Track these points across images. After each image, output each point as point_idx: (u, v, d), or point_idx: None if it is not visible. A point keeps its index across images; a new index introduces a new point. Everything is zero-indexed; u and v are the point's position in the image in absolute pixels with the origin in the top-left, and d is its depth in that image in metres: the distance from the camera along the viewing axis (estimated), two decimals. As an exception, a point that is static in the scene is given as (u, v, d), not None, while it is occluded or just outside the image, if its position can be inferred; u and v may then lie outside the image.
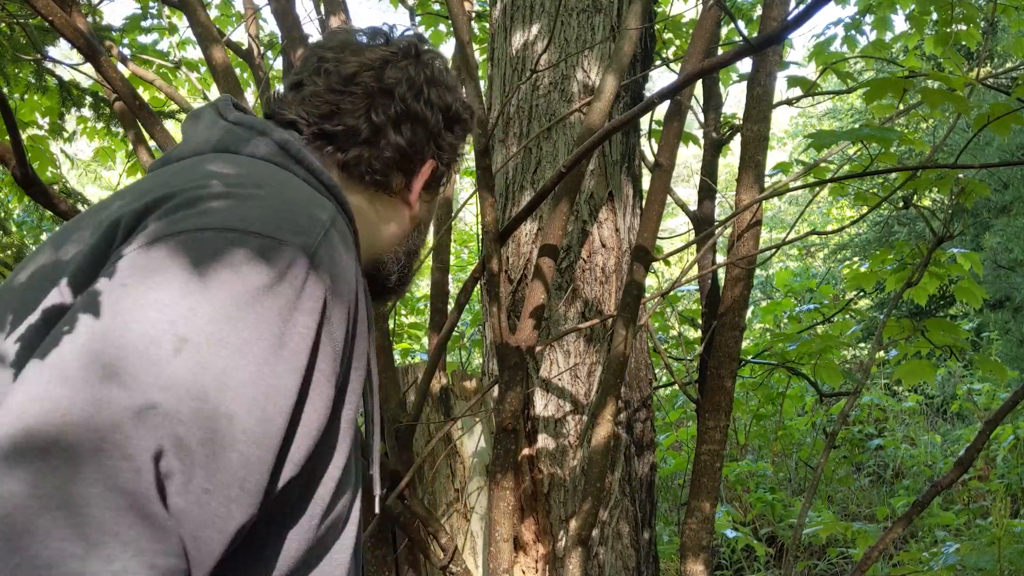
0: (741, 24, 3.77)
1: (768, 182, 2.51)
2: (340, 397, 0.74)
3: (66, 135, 4.01)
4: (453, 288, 3.37)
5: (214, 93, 3.34)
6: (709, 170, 2.74)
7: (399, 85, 0.92)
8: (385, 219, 0.96)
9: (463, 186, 9.12)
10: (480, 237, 1.98)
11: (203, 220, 0.68)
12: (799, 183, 2.54)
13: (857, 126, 2.76)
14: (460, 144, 1.00)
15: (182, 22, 3.76)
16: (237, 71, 2.95)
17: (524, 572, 2.05)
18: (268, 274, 0.66)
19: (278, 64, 3.32)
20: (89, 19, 2.80)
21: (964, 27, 3.33)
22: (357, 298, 0.76)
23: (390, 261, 0.98)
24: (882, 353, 4.88)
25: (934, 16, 3.46)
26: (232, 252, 0.66)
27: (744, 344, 2.57)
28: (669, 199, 2.37)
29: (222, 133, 0.84)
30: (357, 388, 0.78)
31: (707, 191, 2.67)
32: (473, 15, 3.43)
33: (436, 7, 3.90)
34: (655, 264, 2.71)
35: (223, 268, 0.65)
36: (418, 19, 3.73)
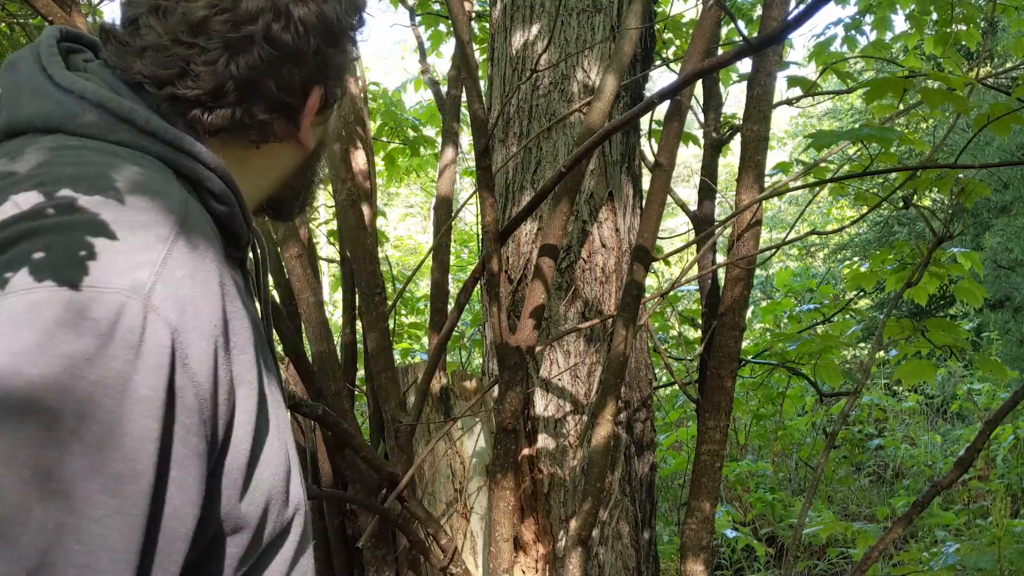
0: (741, 24, 3.77)
1: (768, 182, 2.51)
2: (226, 437, 0.65)
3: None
4: (453, 288, 3.37)
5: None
6: (709, 170, 2.74)
7: (260, 18, 0.73)
8: (273, 163, 0.83)
9: (463, 186, 9.12)
10: (480, 237, 1.98)
11: (7, 280, 0.57)
12: (799, 183, 2.54)
13: (857, 126, 2.76)
14: (347, 59, 0.82)
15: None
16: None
17: (524, 572, 2.05)
18: (85, 341, 0.55)
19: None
20: (89, 19, 2.80)
21: (964, 27, 3.34)
22: (225, 307, 0.65)
23: (287, 198, 0.88)
24: (882, 353, 4.88)
25: (934, 16, 3.46)
26: (37, 320, 0.55)
27: (744, 344, 2.57)
28: (669, 199, 2.37)
29: (51, 107, 0.69)
30: (251, 408, 0.68)
31: (707, 191, 2.67)
32: (473, 15, 3.43)
33: (436, 7, 3.90)
34: (655, 264, 2.71)
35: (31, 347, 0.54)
36: (418, 19, 3.73)
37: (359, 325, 2.48)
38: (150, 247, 0.61)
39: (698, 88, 2.74)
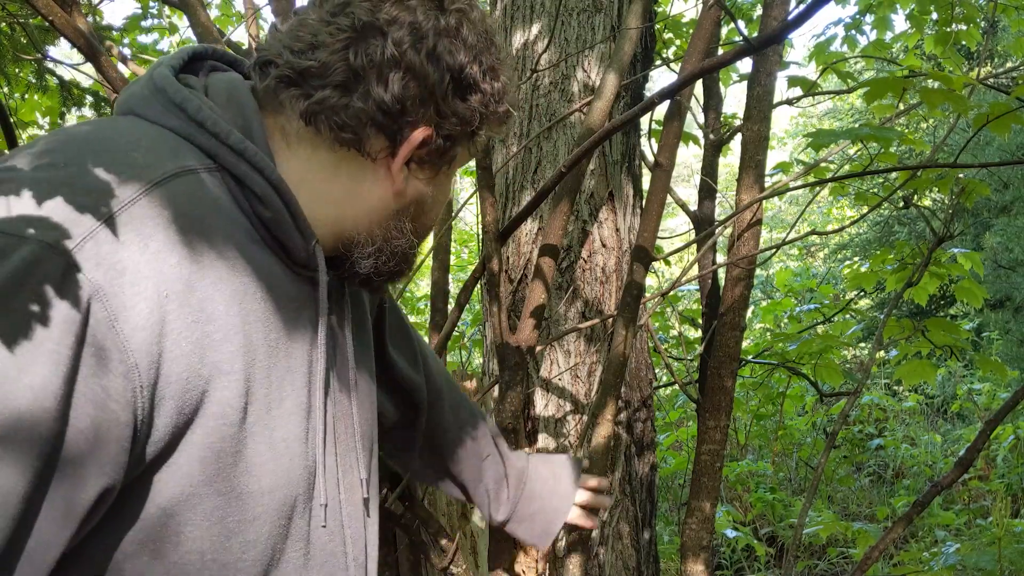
0: (741, 24, 3.77)
1: (768, 182, 2.51)
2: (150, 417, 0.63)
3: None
4: (453, 288, 3.37)
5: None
6: (709, 170, 2.74)
7: (397, 26, 0.74)
8: (357, 188, 0.78)
9: (463, 186, 9.12)
10: (480, 237, 1.98)
11: None
12: (799, 183, 2.54)
13: (857, 126, 2.76)
14: (473, 116, 0.79)
15: (182, 22, 3.77)
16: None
17: (524, 572, 2.05)
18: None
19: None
20: (90, 19, 2.80)
21: (964, 27, 3.34)
22: (195, 287, 0.64)
23: (361, 242, 0.81)
24: (882, 353, 4.88)
25: (934, 16, 3.46)
26: None
27: (744, 344, 2.57)
28: (669, 199, 2.37)
29: (129, 96, 0.74)
30: (231, 401, 0.67)
31: (707, 191, 2.67)
32: (473, 15, 3.42)
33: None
34: (655, 264, 2.71)
35: None
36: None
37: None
38: (95, 208, 0.61)
39: (698, 88, 2.74)
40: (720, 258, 2.68)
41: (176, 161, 0.69)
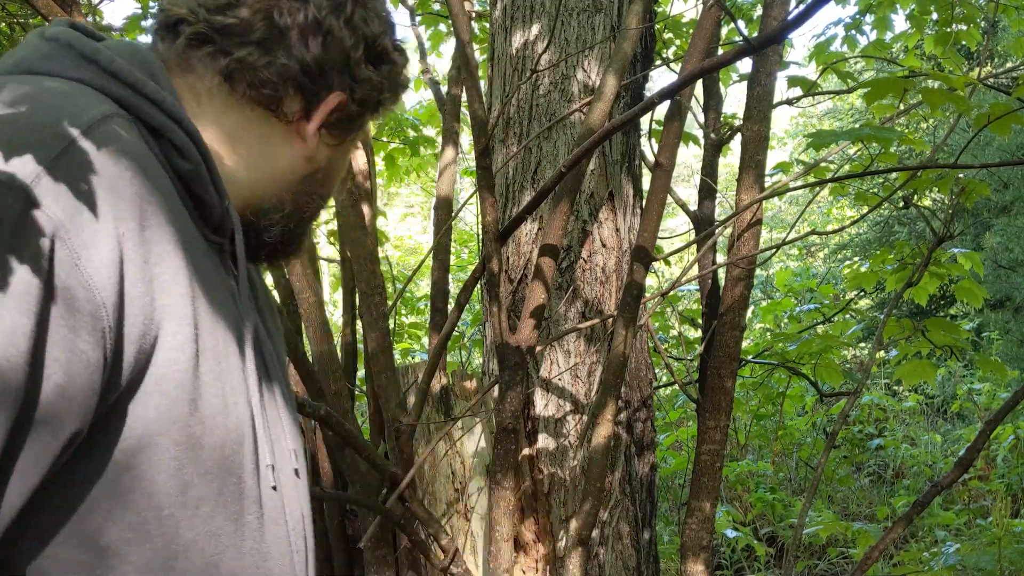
0: (741, 24, 3.77)
1: (768, 182, 2.51)
2: (118, 355, 0.62)
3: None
4: (453, 288, 3.37)
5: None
6: (709, 170, 2.74)
7: None
8: (268, 151, 0.78)
9: (463, 186, 9.12)
10: (480, 237, 1.98)
11: None
12: (799, 183, 2.54)
13: (857, 126, 2.76)
14: (383, 87, 0.82)
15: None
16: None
17: (524, 572, 2.05)
18: None
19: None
20: (89, 19, 2.80)
21: (964, 27, 3.34)
22: (144, 228, 0.63)
23: (271, 207, 0.81)
24: (882, 353, 4.88)
25: (934, 16, 3.46)
26: None
27: (744, 344, 2.57)
28: (669, 199, 2.37)
29: (27, 53, 0.72)
30: (183, 346, 0.65)
31: (707, 191, 2.67)
32: (473, 15, 3.43)
33: (436, 7, 3.90)
34: (655, 264, 2.71)
35: None
36: (418, 19, 3.73)
37: (359, 325, 2.48)
38: (46, 144, 0.60)
39: (698, 88, 2.74)
40: (720, 258, 2.68)
41: (102, 107, 0.67)
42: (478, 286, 2.02)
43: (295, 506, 0.82)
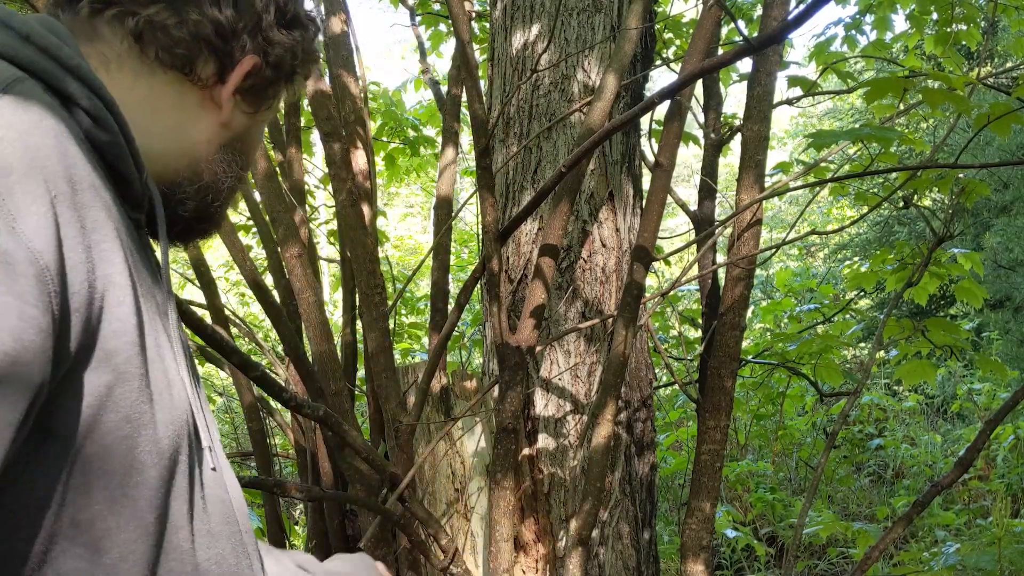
0: (741, 24, 3.77)
1: (768, 182, 2.51)
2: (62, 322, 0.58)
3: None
4: (453, 288, 3.37)
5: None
6: (709, 170, 2.74)
7: None
8: (183, 117, 0.76)
9: (463, 186, 9.12)
10: (480, 237, 1.98)
11: None
12: (799, 183, 2.54)
13: (857, 126, 2.76)
14: (295, 52, 0.80)
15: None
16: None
17: (524, 572, 2.05)
18: None
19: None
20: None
21: (964, 27, 3.34)
22: (77, 191, 0.59)
23: (186, 179, 0.78)
24: (882, 353, 4.88)
25: (934, 16, 3.46)
26: None
27: (744, 344, 2.57)
28: (669, 199, 2.37)
29: None
30: (127, 318, 0.62)
31: (707, 191, 2.67)
32: (473, 15, 3.43)
33: (436, 7, 3.90)
34: (655, 264, 2.71)
35: None
36: (418, 19, 3.73)
37: (359, 325, 2.48)
38: None
39: (698, 88, 2.74)
40: (720, 258, 2.68)
41: (12, 71, 0.63)
42: (478, 286, 2.02)
43: (236, 487, 0.79)
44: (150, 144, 0.74)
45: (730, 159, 3.57)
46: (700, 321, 2.85)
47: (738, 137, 2.34)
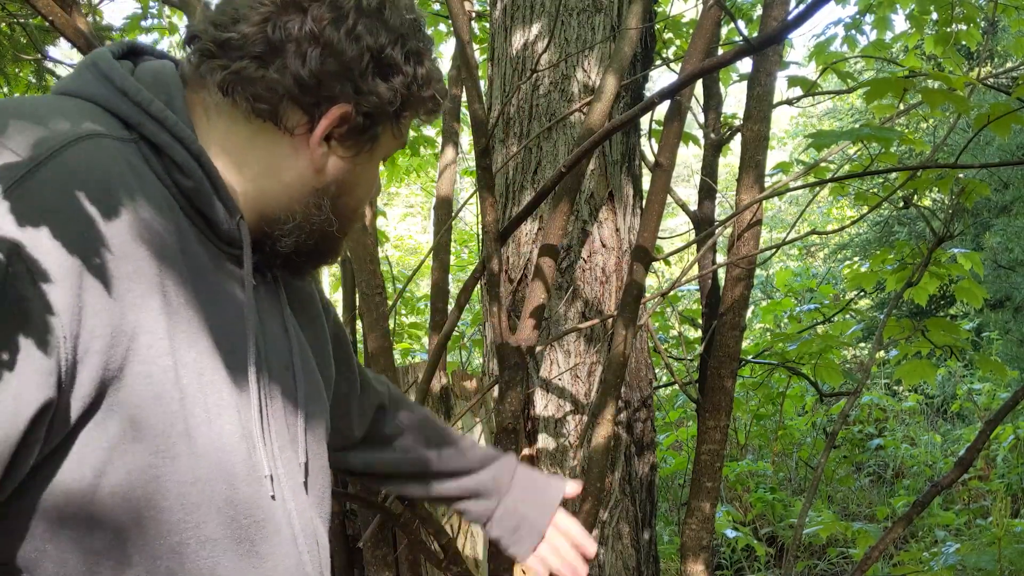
0: (741, 24, 3.77)
1: (768, 182, 2.51)
2: (72, 377, 0.64)
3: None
4: (453, 288, 3.37)
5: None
6: (709, 170, 2.74)
7: (318, 3, 0.76)
8: (275, 163, 0.79)
9: (463, 186, 9.13)
10: (480, 237, 1.98)
11: None
12: (799, 183, 2.54)
13: (857, 126, 2.76)
14: (395, 98, 0.80)
15: (182, 22, 3.77)
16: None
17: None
18: None
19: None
20: (89, 19, 2.80)
21: (964, 27, 3.33)
22: (101, 246, 0.65)
23: (281, 219, 0.81)
24: (882, 353, 4.88)
25: (934, 16, 3.46)
26: None
27: (744, 344, 2.57)
28: (669, 199, 2.37)
29: (70, 75, 0.77)
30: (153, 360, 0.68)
31: (707, 191, 2.67)
32: (473, 15, 3.43)
33: (436, 7, 3.90)
34: (655, 264, 2.71)
35: None
36: (418, 19, 3.73)
37: (359, 325, 2.48)
38: (8, 169, 0.63)
39: (698, 88, 2.74)
40: (720, 258, 2.68)
41: (86, 127, 0.69)
42: (478, 286, 2.02)
43: (307, 515, 0.83)
44: (245, 186, 0.79)
45: (730, 159, 3.56)
46: (700, 321, 2.85)
47: (738, 137, 2.34)
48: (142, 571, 0.69)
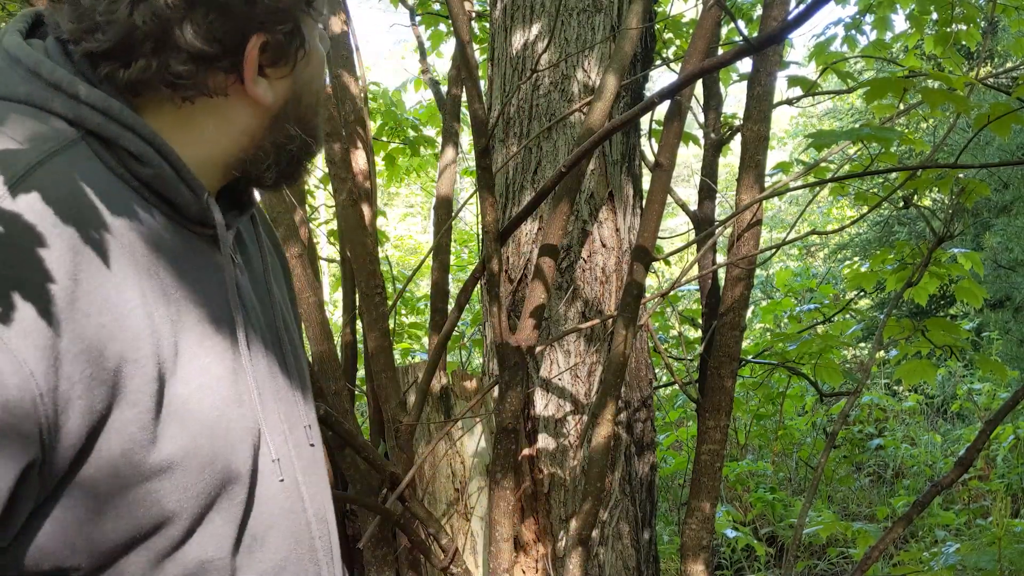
0: (741, 24, 3.77)
1: (768, 182, 2.51)
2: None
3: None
4: (453, 288, 3.37)
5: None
6: (709, 170, 2.74)
7: None
8: (225, 122, 0.76)
9: (463, 186, 9.13)
10: (480, 237, 1.98)
11: None
12: (799, 183, 2.54)
13: (857, 126, 2.76)
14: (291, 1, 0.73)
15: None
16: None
17: (524, 572, 2.05)
18: None
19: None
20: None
21: (964, 27, 3.34)
22: (78, 289, 0.61)
23: (255, 160, 0.79)
24: (882, 353, 4.88)
25: (934, 16, 3.46)
26: None
27: (744, 344, 2.57)
28: (669, 199, 2.37)
29: None
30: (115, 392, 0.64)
31: (707, 191, 2.67)
32: (473, 15, 3.43)
33: (436, 7, 3.90)
34: (655, 264, 2.71)
35: None
36: (418, 19, 3.73)
37: (359, 325, 2.48)
38: None
39: (698, 88, 2.74)
40: (720, 258, 2.68)
41: (36, 147, 0.65)
42: (478, 286, 2.02)
43: (316, 490, 0.83)
44: (202, 154, 0.75)
45: (730, 159, 3.56)
46: (700, 321, 2.84)
47: (738, 137, 2.34)
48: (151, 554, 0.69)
